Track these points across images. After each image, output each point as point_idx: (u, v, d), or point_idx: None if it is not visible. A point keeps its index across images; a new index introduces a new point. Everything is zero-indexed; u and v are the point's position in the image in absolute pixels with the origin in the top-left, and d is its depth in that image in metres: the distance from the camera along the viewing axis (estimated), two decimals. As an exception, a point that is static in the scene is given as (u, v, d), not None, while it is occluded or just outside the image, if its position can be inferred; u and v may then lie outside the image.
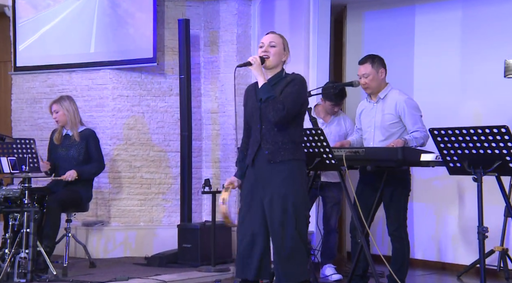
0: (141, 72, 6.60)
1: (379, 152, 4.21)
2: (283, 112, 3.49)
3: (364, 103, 4.70)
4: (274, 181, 3.55)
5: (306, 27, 6.27)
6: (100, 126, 6.52)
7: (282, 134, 3.56)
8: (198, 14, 6.66)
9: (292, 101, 3.52)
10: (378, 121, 4.52)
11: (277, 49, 3.63)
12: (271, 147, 3.57)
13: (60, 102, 5.52)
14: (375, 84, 4.53)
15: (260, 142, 3.60)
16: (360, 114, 4.70)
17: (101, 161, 5.60)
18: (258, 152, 3.60)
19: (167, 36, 6.62)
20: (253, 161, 3.62)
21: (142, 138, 6.60)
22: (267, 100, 3.52)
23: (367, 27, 6.51)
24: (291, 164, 3.55)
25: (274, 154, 3.56)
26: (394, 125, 4.48)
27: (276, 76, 3.65)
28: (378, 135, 4.51)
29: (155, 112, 6.61)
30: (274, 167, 3.55)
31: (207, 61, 6.64)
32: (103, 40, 6.57)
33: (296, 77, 3.62)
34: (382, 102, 4.53)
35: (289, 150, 3.56)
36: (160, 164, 6.60)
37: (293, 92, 3.54)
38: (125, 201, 6.57)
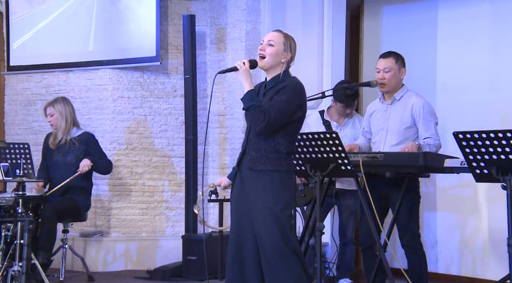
0: (143, 72, 6.62)
1: (399, 157, 4.19)
2: (262, 123, 3.49)
3: (376, 104, 4.69)
4: (255, 190, 3.57)
5: (320, 23, 6.27)
6: (100, 129, 6.53)
7: (267, 143, 3.55)
8: (204, 9, 6.68)
9: (277, 111, 3.50)
10: (393, 124, 4.52)
11: (274, 49, 3.61)
12: (254, 154, 3.58)
13: (54, 105, 5.56)
14: (394, 82, 4.53)
15: (246, 146, 3.63)
16: (370, 116, 4.69)
17: (108, 160, 5.64)
18: (243, 157, 3.63)
19: (171, 33, 6.63)
20: (239, 165, 3.65)
21: (144, 142, 6.61)
22: (249, 110, 3.51)
23: (386, 23, 6.50)
24: (272, 175, 3.54)
25: (255, 162, 3.57)
26: (409, 130, 4.48)
27: (274, 79, 3.64)
28: (390, 140, 4.51)
29: (158, 114, 6.62)
30: (254, 175, 3.57)
31: (214, 60, 6.65)
32: (102, 37, 6.58)
33: (288, 84, 3.57)
34: (398, 104, 4.54)
35: (271, 159, 3.55)
36: (163, 170, 6.61)
37: (280, 102, 3.51)
38: (126, 210, 6.57)
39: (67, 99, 5.69)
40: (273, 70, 3.64)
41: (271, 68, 3.63)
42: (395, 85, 4.53)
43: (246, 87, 3.55)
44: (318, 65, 6.24)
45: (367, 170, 4.24)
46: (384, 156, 4.19)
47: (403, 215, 4.44)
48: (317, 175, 4.22)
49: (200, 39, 6.61)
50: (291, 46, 3.66)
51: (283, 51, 3.62)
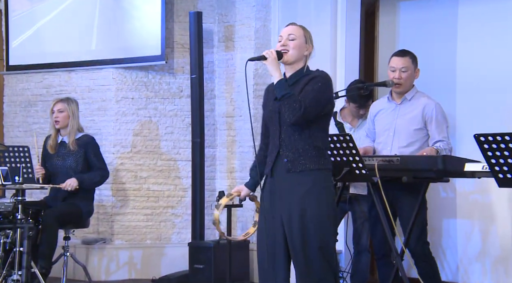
0: (148, 72, 6.63)
1: (417, 161, 4.17)
2: (299, 111, 3.45)
3: (382, 103, 4.69)
4: (294, 194, 3.51)
5: (333, 20, 6.26)
6: (102, 132, 6.55)
7: (304, 140, 3.52)
8: (211, 6, 6.68)
9: (312, 99, 3.48)
10: (401, 124, 4.50)
11: (297, 42, 3.60)
12: (290, 155, 3.53)
13: (68, 103, 5.54)
14: (409, 83, 4.55)
15: (279, 148, 3.57)
16: (375, 115, 4.68)
17: (105, 168, 5.60)
18: (276, 160, 3.57)
19: (177, 31, 6.64)
20: (272, 170, 3.59)
21: (149, 145, 6.62)
22: (282, 99, 3.49)
23: (403, 19, 6.46)
24: (314, 174, 3.51)
25: (294, 163, 3.52)
26: (419, 132, 4.48)
27: (297, 73, 3.62)
28: (398, 141, 4.50)
29: (163, 116, 6.63)
30: (294, 177, 3.51)
31: (222, 59, 6.65)
32: (105, 35, 6.60)
33: (319, 74, 3.58)
34: (408, 104, 4.54)
35: (311, 158, 3.52)
36: (169, 174, 6.61)
37: (314, 90, 3.50)
38: (129, 216, 6.58)
39: (78, 103, 5.69)
40: (295, 65, 3.62)
41: (295, 62, 3.61)
42: (409, 86, 4.55)
43: (277, 76, 3.54)
44: (331, 64, 6.22)
45: (383, 174, 4.23)
46: (400, 159, 4.18)
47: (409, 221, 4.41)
48: (330, 179, 4.19)
49: (208, 37, 6.61)
50: (311, 38, 3.68)
51: (305, 43, 3.62)
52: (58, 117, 5.52)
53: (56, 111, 5.53)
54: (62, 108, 5.53)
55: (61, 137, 5.60)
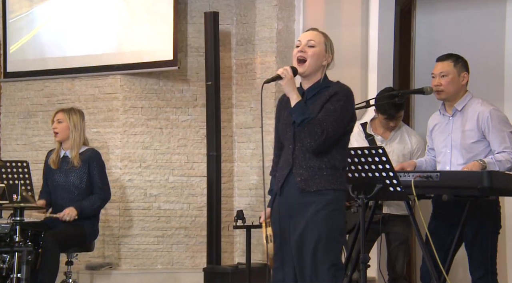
0: (159, 78, 6.64)
1: (459, 176, 4.16)
2: (321, 137, 3.50)
3: (436, 117, 4.66)
4: (306, 214, 3.55)
5: (365, 20, 6.26)
6: (109, 145, 6.57)
7: (320, 158, 3.56)
8: (229, 5, 6.70)
9: (334, 122, 3.53)
10: (456, 139, 4.48)
11: (316, 50, 3.63)
12: (305, 173, 3.57)
13: (69, 113, 5.57)
14: (453, 89, 4.49)
15: (292, 165, 3.61)
16: (431, 131, 4.66)
17: (106, 189, 5.61)
18: (288, 178, 3.62)
19: (191, 33, 6.65)
20: (282, 188, 3.63)
21: (160, 159, 6.62)
22: (302, 124, 3.53)
23: (443, 18, 6.44)
24: (329, 194, 3.56)
25: (308, 182, 3.56)
26: (478, 145, 4.43)
27: (316, 85, 3.65)
28: (456, 158, 4.47)
29: (176, 127, 6.64)
30: (307, 197, 3.56)
31: (240, 64, 6.66)
32: (112, 39, 6.63)
33: (340, 90, 3.61)
34: (460, 116, 4.50)
35: (327, 177, 3.56)
36: (181, 192, 6.61)
37: (336, 111, 3.54)
38: (138, 238, 6.58)
39: (84, 114, 5.72)
40: (313, 76, 3.66)
41: (312, 73, 3.64)
42: (454, 92, 4.50)
43: (294, 98, 3.56)
44: (362, 69, 6.21)
45: (421, 191, 4.21)
46: (440, 175, 4.16)
47: (470, 247, 4.39)
48: (361, 198, 4.20)
49: (225, 39, 6.61)
50: (331, 47, 3.70)
51: (324, 52, 3.65)
52: (57, 128, 5.54)
53: (56, 121, 5.56)
54: (61, 119, 5.55)
55: (64, 151, 5.61)
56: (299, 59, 3.63)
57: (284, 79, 3.55)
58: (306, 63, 3.62)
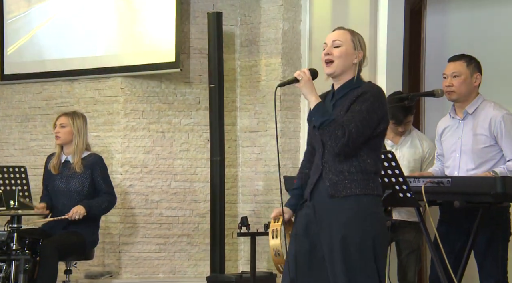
0: (161, 81, 6.66)
1: (471, 182, 4.13)
2: (342, 139, 3.44)
3: (446, 120, 4.64)
4: (337, 221, 3.49)
5: (373, 20, 6.24)
6: (109, 149, 6.58)
7: (351, 163, 3.51)
8: (233, 5, 6.71)
9: (359, 123, 3.46)
10: (467, 144, 4.45)
11: (343, 50, 3.56)
12: (334, 178, 3.52)
13: (73, 117, 5.58)
14: (464, 90, 4.46)
15: (322, 170, 3.56)
16: (441, 136, 4.65)
17: (112, 192, 5.62)
18: (318, 183, 3.57)
19: (194, 34, 6.66)
20: (311, 193, 3.58)
21: (162, 164, 6.63)
22: (322, 127, 3.48)
23: (455, 18, 6.41)
24: (361, 200, 3.49)
25: (337, 187, 3.51)
26: (489, 150, 4.41)
27: (346, 85, 3.59)
28: (466, 163, 4.45)
29: (178, 131, 6.65)
30: (337, 203, 3.50)
31: (245, 65, 6.66)
32: (112, 40, 6.65)
33: (369, 89, 3.54)
34: (472, 119, 4.48)
35: (358, 181, 3.50)
36: (184, 198, 6.62)
37: (361, 111, 3.47)
38: (139, 246, 6.58)
39: (87, 119, 5.73)
40: (344, 76, 3.59)
41: (342, 73, 3.58)
42: (466, 93, 4.47)
43: (313, 100, 3.51)
44: (370, 72, 6.19)
45: (431, 197, 4.17)
46: (452, 181, 4.14)
47: (481, 255, 4.37)
48: (369, 204, 4.16)
49: (229, 41, 6.62)
50: (361, 43, 3.61)
51: (353, 50, 3.58)
52: (60, 133, 5.55)
53: (58, 125, 5.57)
54: (64, 123, 5.56)
55: (65, 156, 5.62)
56: (326, 62, 3.58)
57: (301, 81, 3.51)
58: (334, 64, 3.54)
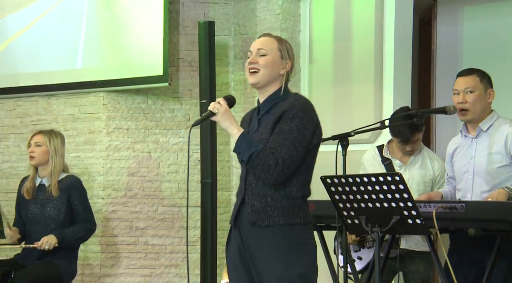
0: (147, 96, 6.67)
1: (487, 208, 4.11)
2: (276, 169, 3.39)
3: (457, 139, 4.65)
4: (261, 255, 3.47)
5: (379, 31, 6.26)
6: (90, 171, 6.56)
7: (274, 186, 3.47)
8: (226, 14, 6.73)
9: (291, 146, 3.42)
10: (480, 164, 4.46)
11: (269, 59, 3.54)
12: (257, 204, 3.49)
13: (50, 136, 5.55)
14: (479, 108, 4.47)
15: (244, 193, 3.54)
16: (451, 156, 4.64)
17: (91, 219, 5.59)
18: (241, 208, 3.54)
19: (183, 45, 6.68)
20: (235, 220, 3.56)
21: (148, 188, 6.62)
22: (251, 160, 3.41)
23: (468, 29, 6.47)
24: (284, 231, 3.46)
25: (259, 215, 3.47)
26: (504, 170, 4.42)
27: (271, 98, 3.57)
28: (479, 185, 4.45)
29: (166, 151, 6.64)
30: (259, 233, 3.48)
31: (239, 79, 6.68)
32: (94, 52, 6.65)
33: (293, 104, 3.49)
34: (486, 137, 4.49)
35: (282, 209, 3.47)
36: (172, 224, 6.60)
37: (291, 131, 3.43)
38: (123, 278, 6.55)
39: (64, 138, 5.70)
40: (269, 87, 3.56)
41: (268, 84, 3.55)
42: (480, 111, 4.48)
43: (235, 133, 3.46)
44: (376, 86, 6.21)
45: (444, 224, 4.18)
46: (466, 206, 4.13)
47: None
48: (375, 231, 4.11)
49: (221, 52, 6.64)
50: (289, 52, 3.60)
51: (280, 59, 3.56)
52: (34, 152, 5.51)
53: (33, 144, 5.54)
54: (40, 142, 5.53)
55: (40, 179, 5.58)
56: (250, 71, 3.56)
57: (218, 114, 3.45)
58: (259, 74, 3.52)
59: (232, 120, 3.47)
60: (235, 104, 3.57)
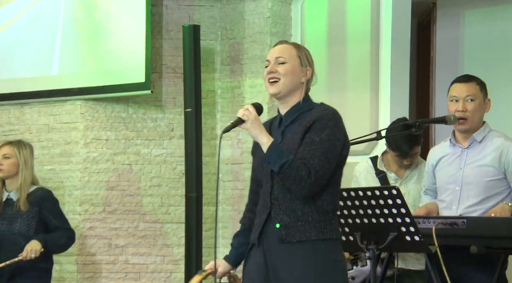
0: (128, 105, 6.66)
1: (491, 224, 4.11)
2: (309, 180, 3.40)
3: (442, 148, 4.66)
4: (288, 273, 3.45)
5: (375, 35, 6.28)
6: (66, 185, 6.54)
7: (304, 199, 3.48)
8: (212, 17, 6.74)
9: (323, 157, 3.43)
10: (470, 176, 4.46)
11: (289, 67, 3.55)
12: (286, 219, 3.48)
13: (19, 147, 5.53)
14: (478, 117, 4.50)
15: (270, 209, 3.52)
16: (435, 166, 4.65)
17: (69, 227, 5.57)
18: (266, 224, 3.52)
19: (167, 50, 6.68)
20: (259, 237, 3.54)
21: (129, 203, 6.60)
22: (282, 171, 3.42)
23: (470, 34, 6.49)
24: (316, 247, 3.46)
25: (289, 229, 3.47)
26: (496, 184, 4.43)
27: (295, 108, 3.58)
28: (467, 197, 4.45)
29: (148, 163, 6.62)
30: (289, 250, 3.47)
31: (226, 87, 6.68)
32: (71, 58, 6.65)
33: (324, 113, 3.51)
34: (478, 148, 4.51)
35: (313, 223, 3.47)
36: (154, 242, 6.58)
37: (322, 142, 3.45)
38: (101, 299, 6.53)
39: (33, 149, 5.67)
40: (291, 97, 3.57)
41: (289, 93, 3.56)
42: (478, 121, 4.51)
43: (265, 142, 3.46)
44: (371, 95, 6.23)
45: (444, 241, 4.15)
46: (468, 222, 4.12)
47: None
48: (371, 249, 4.15)
49: (207, 58, 6.64)
50: (308, 58, 3.62)
51: (300, 66, 3.57)
52: (3, 165, 5.49)
53: (1, 156, 5.51)
54: (9, 154, 5.50)
55: (7, 193, 5.55)
56: (270, 81, 3.56)
57: (247, 122, 3.45)
58: (280, 82, 3.53)
59: (262, 128, 3.48)
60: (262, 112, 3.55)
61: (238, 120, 3.47)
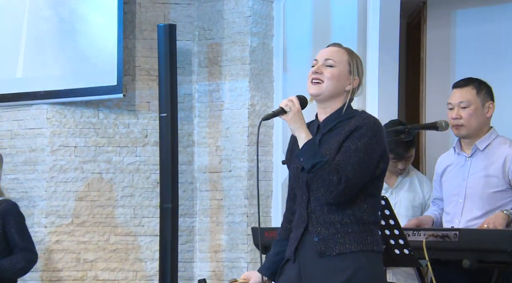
0: (98, 109, 6.63)
1: (484, 236, 4.10)
2: (338, 187, 3.45)
3: (448, 157, 4.68)
4: None
5: (362, 36, 6.30)
6: (31, 195, 6.51)
7: (344, 212, 3.53)
8: (189, 17, 6.73)
9: (356, 166, 3.48)
10: (474, 186, 4.48)
11: (336, 71, 3.60)
12: (324, 231, 3.53)
13: None
14: (476, 124, 4.50)
15: (307, 222, 3.57)
16: (441, 175, 4.66)
17: (31, 248, 5.54)
18: (303, 238, 3.58)
19: (140, 51, 6.67)
20: (296, 252, 3.58)
21: (99, 214, 6.57)
22: (313, 170, 3.47)
23: (461, 34, 6.52)
24: (357, 259, 3.50)
25: (328, 242, 3.52)
26: (500, 196, 4.46)
27: (334, 115, 3.62)
28: (470, 210, 4.48)
29: (120, 172, 6.61)
30: (328, 263, 3.51)
31: (204, 90, 6.66)
32: (37, 59, 6.63)
33: (365, 122, 3.56)
34: (482, 157, 4.51)
35: (354, 235, 3.52)
36: (126, 256, 6.56)
37: (358, 151, 3.50)
38: (69, 318, 6.52)
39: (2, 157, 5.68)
40: (331, 103, 3.62)
41: (330, 98, 3.61)
42: (477, 127, 4.52)
43: (303, 137, 3.53)
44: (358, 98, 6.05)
45: (435, 255, 4.16)
46: (460, 234, 4.11)
47: None
48: (358, 263, 4.10)
49: (184, 60, 6.63)
50: (359, 68, 3.67)
51: (348, 73, 3.62)
52: None
53: None
54: None
55: None
56: (313, 82, 3.61)
57: (289, 113, 3.52)
58: (323, 85, 3.58)
59: (303, 122, 3.54)
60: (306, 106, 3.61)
61: (280, 110, 3.53)
